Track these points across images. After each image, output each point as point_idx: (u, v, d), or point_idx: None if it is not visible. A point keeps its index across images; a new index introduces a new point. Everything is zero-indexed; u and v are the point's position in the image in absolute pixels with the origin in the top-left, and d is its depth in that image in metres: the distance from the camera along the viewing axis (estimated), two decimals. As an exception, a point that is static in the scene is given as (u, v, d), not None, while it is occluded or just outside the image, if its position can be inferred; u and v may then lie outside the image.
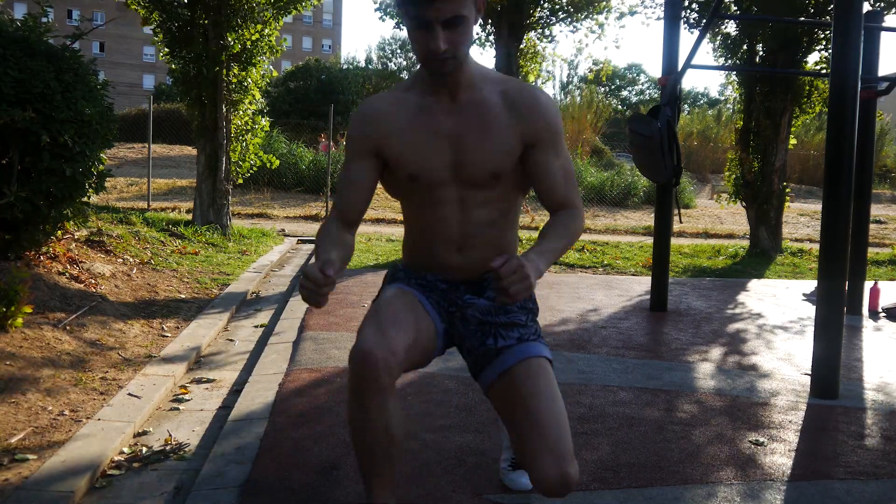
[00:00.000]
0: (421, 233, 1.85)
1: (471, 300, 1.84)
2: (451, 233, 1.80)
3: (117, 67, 53.23)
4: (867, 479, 2.38)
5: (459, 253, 1.81)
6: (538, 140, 1.75)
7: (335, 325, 4.41)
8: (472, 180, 1.75)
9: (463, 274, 1.85)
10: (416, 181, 1.76)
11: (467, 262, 1.82)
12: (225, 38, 8.43)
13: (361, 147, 1.78)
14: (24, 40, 4.30)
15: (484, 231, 1.80)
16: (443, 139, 1.74)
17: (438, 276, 1.86)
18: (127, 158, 19.13)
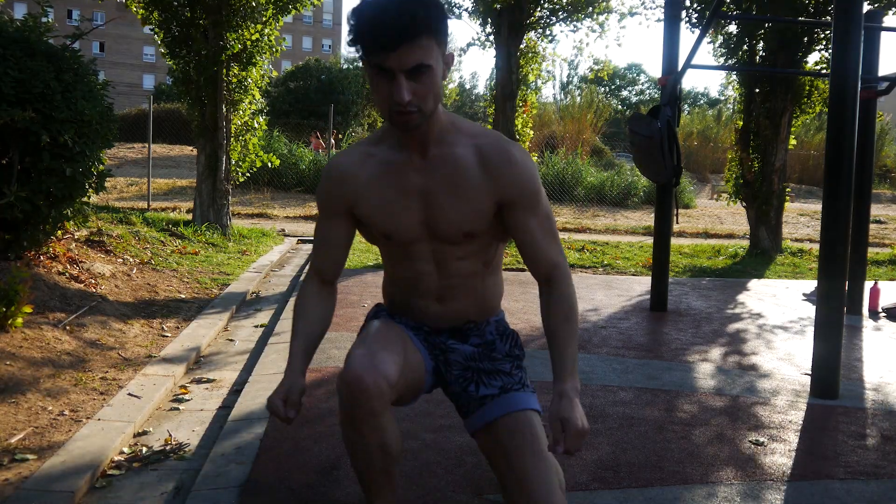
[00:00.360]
0: (399, 284, 1.84)
1: (454, 346, 1.82)
2: (429, 286, 1.78)
3: (117, 67, 53.23)
4: (867, 479, 2.38)
5: (439, 304, 1.80)
6: (513, 202, 1.67)
7: (335, 325, 4.41)
8: (446, 238, 1.71)
9: (446, 322, 1.83)
10: (391, 238, 1.73)
11: (448, 311, 1.80)
12: (225, 38, 8.43)
13: (332, 206, 1.74)
14: (24, 40, 4.30)
15: (464, 282, 1.78)
16: (413, 197, 1.67)
17: (420, 325, 1.85)
18: (127, 158, 19.14)
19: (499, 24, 9.37)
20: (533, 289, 5.90)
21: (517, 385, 1.77)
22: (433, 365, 1.83)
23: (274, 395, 1.63)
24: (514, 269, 7.23)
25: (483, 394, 1.75)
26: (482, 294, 1.81)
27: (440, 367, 1.84)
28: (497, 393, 1.75)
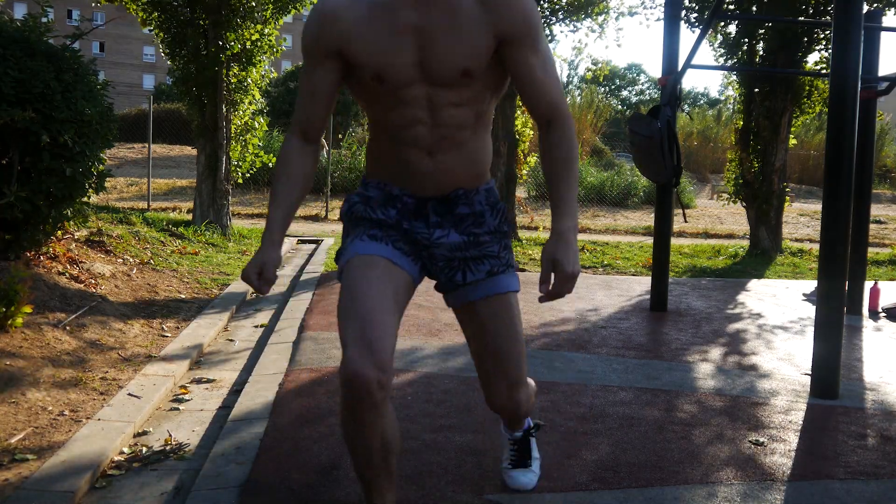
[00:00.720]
0: (389, 138, 1.71)
1: (440, 239, 1.74)
2: (420, 136, 1.67)
3: (117, 67, 53.23)
4: (867, 479, 2.38)
5: (430, 157, 1.69)
6: (513, 36, 1.60)
7: (335, 325, 4.41)
8: (441, 79, 1.62)
9: (434, 185, 1.73)
10: (382, 81, 1.62)
11: (438, 168, 1.70)
12: (225, 38, 8.43)
13: (320, 49, 1.65)
14: (24, 40, 4.30)
15: (456, 134, 1.68)
16: (407, 36, 1.59)
17: (406, 190, 1.74)
18: (127, 158, 19.14)
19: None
20: (532, 289, 5.90)
21: (503, 267, 1.77)
22: (418, 267, 1.79)
23: (249, 267, 1.63)
24: (514, 269, 7.23)
25: (469, 280, 1.75)
26: (473, 151, 1.73)
27: (425, 264, 1.80)
28: (483, 277, 1.75)
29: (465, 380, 3.34)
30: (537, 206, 16.37)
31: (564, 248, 1.58)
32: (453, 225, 1.75)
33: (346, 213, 1.80)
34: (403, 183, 1.74)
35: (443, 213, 1.75)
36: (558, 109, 1.68)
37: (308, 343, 3.96)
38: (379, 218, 1.75)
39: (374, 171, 1.80)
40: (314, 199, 15.02)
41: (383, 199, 1.76)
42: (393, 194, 1.75)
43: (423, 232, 1.75)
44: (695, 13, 9.13)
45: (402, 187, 1.75)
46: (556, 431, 2.72)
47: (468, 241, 1.74)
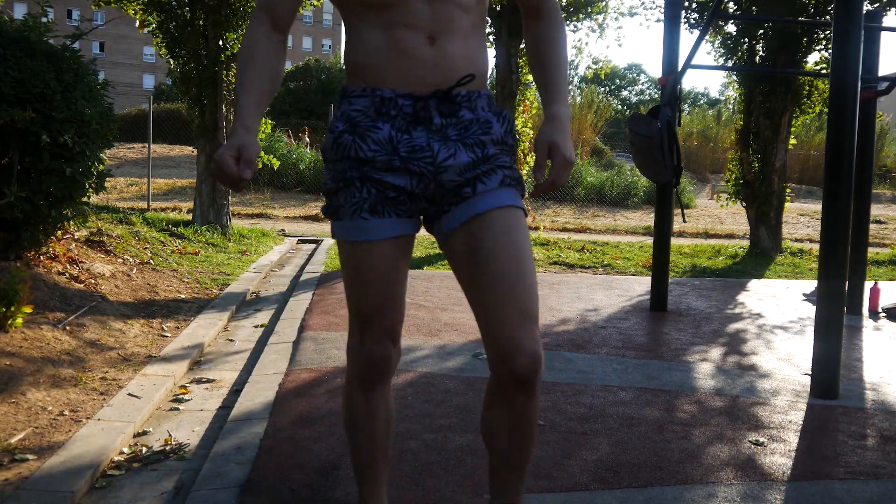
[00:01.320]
0: (382, 26, 1.47)
1: (446, 161, 1.48)
2: (419, 16, 1.45)
3: (117, 67, 53.22)
4: (867, 479, 2.38)
5: (431, 44, 1.47)
6: None
7: (335, 325, 4.41)
8: None
9: (434, 78, 1.48)
10: None
11: (440, 57, 1.47)
12: (224, 38, 8.44)
13: None
14: (24, 40, 4.30)
15: (456, 15, 1.48)
16: None
17: (401, 90, 1.48)
18: (127, 158, 19.14)
19: (499, 24, 9.37)
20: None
21: (514, 181, 1.55)
22: (418, 218, 1.59)
23: (224, 150, 1.37)
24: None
25: (480, 190, 1.50)
26: (475, 45, 1.54)
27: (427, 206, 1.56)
28: (496, 186, 1.51)
29: (466, 380, 3.34)
30: (537, 206, 16.38)
31: (561, 131, 1.47)
32: (458, 138, 1.50)
33: (331, 146, 1.53)
34: (398, 80, 1.48)
35: (447, 113, 1.50)
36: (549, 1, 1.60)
37: (308, 343, 3.96)
38: (369, 156, 1.48)
39: (360, 74, 1.52)
40: (314, 199, 15.02)
41: (374, 111, 1.49)
42: (385, 98, 1.49)
43: (425, 156, 1.48)
44: (695, 13, 9.14)
45: (397, 86, 1.48)
46: (556, 431, 2.72)
47: (477, 157, 1.50)
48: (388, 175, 1.49)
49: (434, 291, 5.68)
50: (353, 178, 1.50)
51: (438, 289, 5.82)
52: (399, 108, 1.48)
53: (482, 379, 3.36)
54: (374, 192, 1.50)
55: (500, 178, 1.51)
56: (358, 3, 1.48)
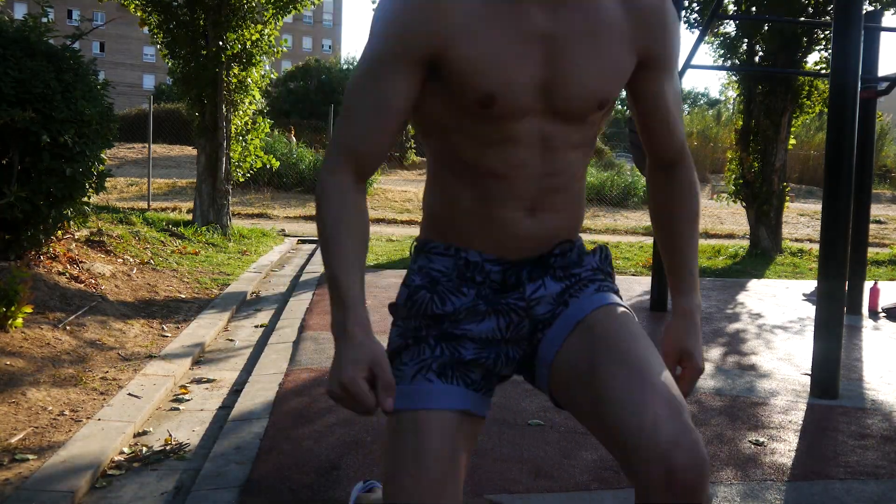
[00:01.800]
0: (474, 188, 1.24)
1: (535, 293, 1.27)
2: (525, 187, 1.23)
3: (117, 67, 53.24)
4: (867, 479, 2.38)
5: (531, 216, 1.25)
6: (656, 57, 1.24)
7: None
8: (569, 110, 1.19)
9: (529, 248, 1.28)
10: (492, 105, 1.16)
11: (538, 229, 1.27)
12: (225, 39, 8.44)
13: (407, 48, 1.14)
14: (24, 40, 4.31)
15: (565, 185, 1.27)
16: (535, 44, 1.15)
17: (489, 256, 1.28)
18: (127, 158, 19.14)
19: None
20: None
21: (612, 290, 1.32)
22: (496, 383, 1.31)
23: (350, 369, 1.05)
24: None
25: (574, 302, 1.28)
26: (577, 203, 1.32)
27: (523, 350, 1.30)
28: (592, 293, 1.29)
29: (465, 380, 3.34)
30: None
31: (695, 335, 1.29)
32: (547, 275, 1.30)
33: (404, 303, 1.29)
34: (488, 246, 1.28)
35: (537, 276, 1.30)
36: (686, 148, 1.34)
37: (308, 343, 3.96)
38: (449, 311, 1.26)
39: (442, 230, 1.31)
40: (314, 199, 15.02)
41: (457, 275, 1.28)
42: (471, 262, 1.28)
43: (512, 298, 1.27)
44: (695, 13, 9.14)
45: (485, 250, 1.28)
46: (556, 431, 2.72)
47: (569, 283, 1.30)
48: (471, 325, 1.25)
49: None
50: (427, 337, 1.25)
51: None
52: (486, 274, 1.28)
53: (482, 379, 3.36)
54: (446, 353, 1.24)
55: (595, 287, 1.30)
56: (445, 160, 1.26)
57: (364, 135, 1.17)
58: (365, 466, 2.34)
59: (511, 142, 1.20)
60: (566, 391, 1.21)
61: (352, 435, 2.61)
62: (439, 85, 1.18)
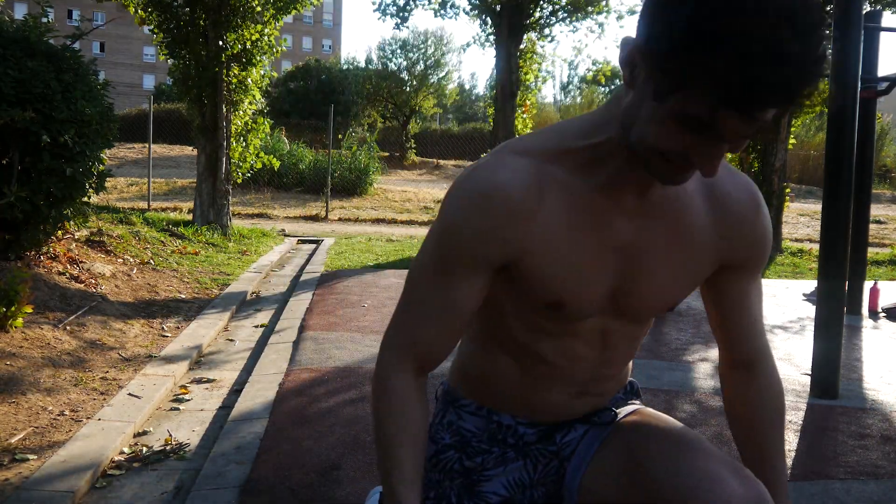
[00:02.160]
0: (525, 368, 1.19)
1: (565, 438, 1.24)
2: (578, 374, 1.18)
3: (117, 67, 53.25)
4: (867, 479, 2.38)
5: (578, 398, 1.21)
6: (742, 265, 1.15)
7: (335, 325, 4.41)
8: (637, 314, 1.15)
9: (567, 417, 1.24)
10: (560, 310, 1.11)
11: (582, 407, 1.23)
12: (225, 39, 8.44)
13: (481, 254, 1.06)
14: (24, 40, 4.31)
15: (617, 372, 1.24)
16: (612, 255, 1.08)
17: (524, 420, 1.23)
18: (127, 158, 19.14)
19: (498, 24, 9.37)
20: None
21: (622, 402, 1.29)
22: None
23: None
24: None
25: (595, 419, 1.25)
26: (622, 381, 1.28)
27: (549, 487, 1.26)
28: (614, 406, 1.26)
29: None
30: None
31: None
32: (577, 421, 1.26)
33: (431, 458, 1.24)
34: (523, 412, 1.23)
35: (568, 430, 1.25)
36: (767, 347, 1.23)
37: (308, 343, 3.96)
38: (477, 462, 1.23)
39: (475, 390, 1.25)
40: (314, 199, 15.02)
41: (488, 436, 1.24)
42: (503, 425, 1.23)
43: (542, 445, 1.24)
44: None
45: (519, 415, 1.23)
46: (556, 431, 2.72)
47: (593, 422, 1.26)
48: (498, 469, 1.22)
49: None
50: (449, 493, 1.22)
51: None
52: (519, 436, 1.23)
53: (482, 379, 3.36)
54: None
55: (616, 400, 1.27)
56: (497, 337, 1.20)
57: (432, 335, 1.12)
58: (365, 466, 2.34)
59: (570, 336, 1.15)
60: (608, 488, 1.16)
61: (352, 435, 2.61)
62: (506, 281, 1.12)
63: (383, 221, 13.01)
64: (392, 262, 7.58)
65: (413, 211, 14.37)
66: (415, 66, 31.35)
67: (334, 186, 15.10)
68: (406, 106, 29.56)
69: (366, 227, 12.15)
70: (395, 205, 15.08)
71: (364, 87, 29.12)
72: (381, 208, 14.55)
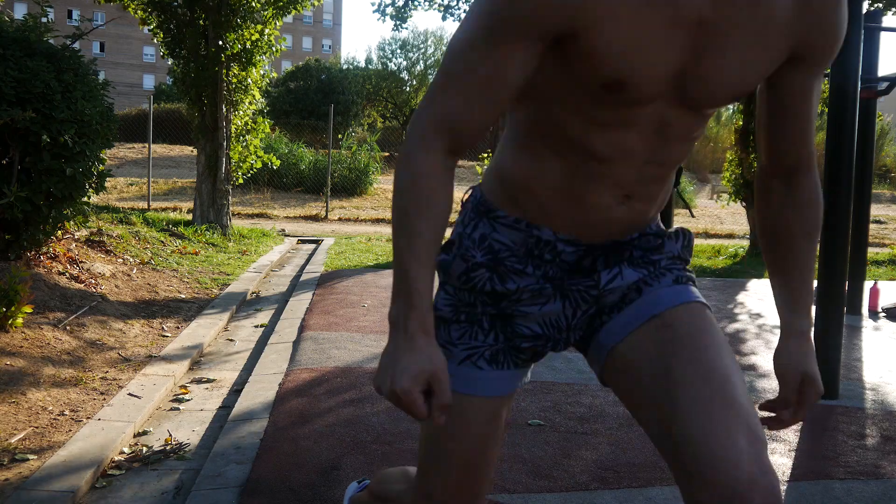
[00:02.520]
0: (572, 167, 1.09)
1: (611, 283, 1.16)
2: (626, 174, 1.09)
3: (117, 67, 53.25)
4: (867, 479, 2.38)
5: (624, 203, 1.12)
6: (814, 52, 1.10)
7: (335, 325, 4.41)
8: (700, 101, 1.05)
9: (614, 233, 1.16)
10: (619, 92, 1.01)
11: (627, 216, 1.14)
12: (224, 39, 8.44)
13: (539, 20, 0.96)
14: (24, 40, 4.31)
15: (666, 175, 1.14)
16: (684, 29, 0.98)
17: (566, 237, 1.14)
18: (127, 158, 19.15)
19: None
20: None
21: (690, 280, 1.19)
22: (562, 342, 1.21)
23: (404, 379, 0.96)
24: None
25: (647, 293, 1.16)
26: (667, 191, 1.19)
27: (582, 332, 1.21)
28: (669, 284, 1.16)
29: (465, 380, 3.34)
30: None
31: (813, 357, 1.15)
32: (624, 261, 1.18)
33: (459, 276, 1.17)
34: (566, 227, 1.14)
35: (613, 262, 1.18)
36: (813, 156, 1.18)
37: (308, 343, 3.96)
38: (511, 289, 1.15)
39: (514, 201, 1.16)
40: (314, 199, 15.02)
41: (524, 251, 1.16)
42: (542, 240, 1.15)
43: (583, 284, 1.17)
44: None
45: (560, 230, 1.14)
46: (556, 431, 2.72)
47: (648, 272, 1.17)
48: (534, 307, 1.16)
49: (434, 291, 5.68)
50: (481, 318, 1.17)
51: (438, 289, 5.81)
52: (557, 254, 1.15)
53: (482, 379, 3.36)
54: (501, 340, 1.17)
55: (673, 277, 1.17)
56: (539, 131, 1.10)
57: (469, 108, 1.01)
58: (365, 466, 2.34)
59: (625, 126, 1.06)
60: (624, 380, 1.13)
61: (352, 435, 2.61)
62: (559, 60, 1.01)
63: (383, 221, 13.02)
64: (392, 262, 7.57)
65: (413, 211, 14.35)
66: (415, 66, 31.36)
67: (334, 186, 15.11)
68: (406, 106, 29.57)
69: (366, 227, 12.16)
70: (395, 205, 15.07)
71: (364, 87, 29.13)
72: (381, 208, 14.55)
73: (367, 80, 30.04)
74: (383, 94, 30.44)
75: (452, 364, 1.16)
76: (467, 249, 1.17)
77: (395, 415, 2.82)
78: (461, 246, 1.18)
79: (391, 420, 2.77)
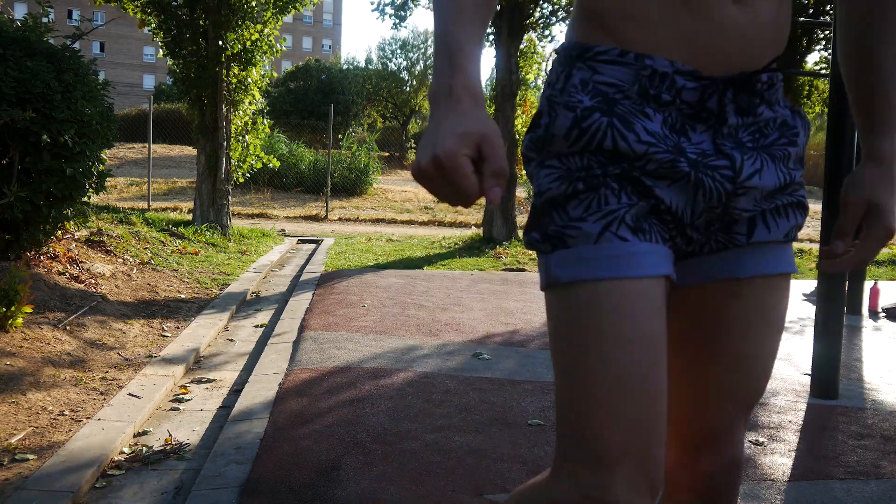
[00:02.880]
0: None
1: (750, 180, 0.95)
2: None
3: (117, 67, 53.26)
4: (867, 479, 2.38)
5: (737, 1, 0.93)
6: None
7: (335, 325, 4.41)
8: None
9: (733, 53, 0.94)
10: None
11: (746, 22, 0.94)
12: (224, 39, 8.44)
13: None
14: (24, 40, 4.31)
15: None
16: None
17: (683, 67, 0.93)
18: (127, 158, 19.15)
19: (499, 24, 9.37)
20: (533, 289, 5.90)
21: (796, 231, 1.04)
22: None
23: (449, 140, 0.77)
24: (513, 270, 7.23)
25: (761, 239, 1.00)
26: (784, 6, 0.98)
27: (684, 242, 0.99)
28: (780, 239, 1.01)
29: (465, 380, 3.34)
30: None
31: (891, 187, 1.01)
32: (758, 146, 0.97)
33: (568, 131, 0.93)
34: (679, 48, 0.93)
35: (745, 110, 0.97)
36: None
37: (308, 343, 3.96)
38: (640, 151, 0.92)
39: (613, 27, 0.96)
40: (314, 199, 15.03)
41: (639, 90, 0.94)
42: (658, 72, 0.93)
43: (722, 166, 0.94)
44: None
45: (676, 57, 0.93)
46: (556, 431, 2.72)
47: (783, 182, 0.99)
48: (659, 186, 0.93)
49: (434, 291, 5.69)
50: (605, 178, 0.92)
51: (438, 289, 5.82)
52: (677, 91, 0.93)
53: (482, 379, 3.36)
54: (635, 198, 0.92)
55: (790, 227, 1.02)
56: None
57: None
58: (365, 466, 2.34)
59: None
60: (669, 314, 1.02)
61: (352, 435, 2.61)
62: None
63: (383, 221, 13.02)
64: (392, 262, 7.58)
65: (413, 211, 14.37)
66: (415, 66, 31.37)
67: (334, 186, 15.11)
68: (406, 106, 29.58)
69: (366, 227, 12.16)
70: (395, 205, 15.09)
71: (364, 87, 29.13)
72: (381, 208, 14.55)
73: (367, 80, 30.03)
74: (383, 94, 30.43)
75: (587, 246, 0.90)
76: (570, 96, 0.94)
77: (395, 415, 2.83)
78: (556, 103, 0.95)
79: (391, 420, 2.77)
